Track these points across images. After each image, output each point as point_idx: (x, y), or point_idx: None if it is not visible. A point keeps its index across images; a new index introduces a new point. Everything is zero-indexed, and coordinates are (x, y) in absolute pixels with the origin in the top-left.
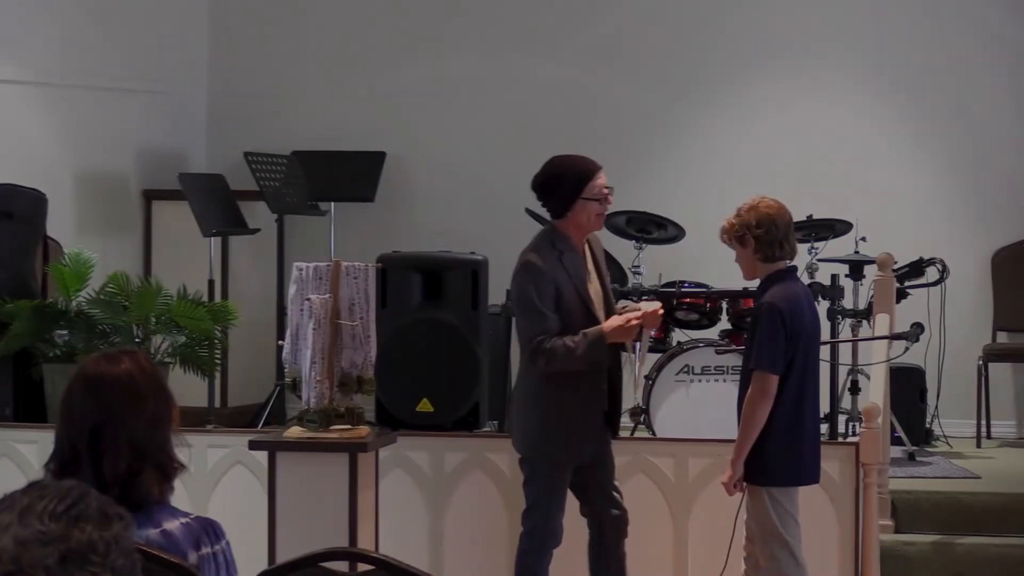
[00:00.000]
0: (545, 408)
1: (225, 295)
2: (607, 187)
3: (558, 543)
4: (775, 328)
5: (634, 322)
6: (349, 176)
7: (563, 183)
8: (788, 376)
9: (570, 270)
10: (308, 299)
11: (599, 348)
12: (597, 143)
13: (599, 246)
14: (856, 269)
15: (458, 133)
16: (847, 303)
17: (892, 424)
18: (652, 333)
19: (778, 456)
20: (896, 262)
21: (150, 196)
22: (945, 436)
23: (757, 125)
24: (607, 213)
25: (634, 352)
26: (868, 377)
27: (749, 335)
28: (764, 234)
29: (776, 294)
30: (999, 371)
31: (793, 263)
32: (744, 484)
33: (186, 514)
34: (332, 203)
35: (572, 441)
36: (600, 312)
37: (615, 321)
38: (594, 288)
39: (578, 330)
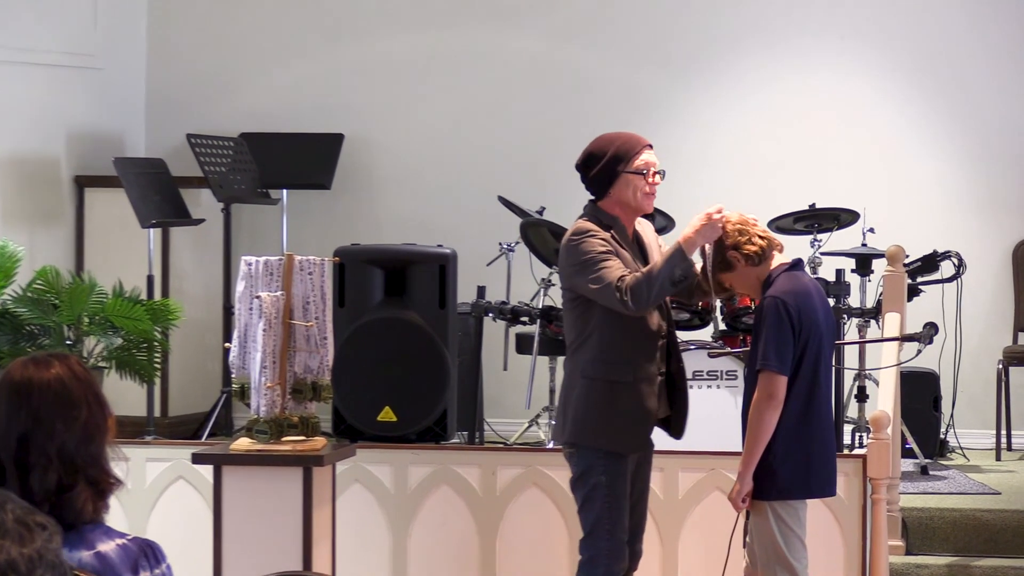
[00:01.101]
0: (602, 390)
1: (166, 293)
2: (658, 170)
3: (625, 563)
4: (781, 324)
5: (715, 217)
6: (303, 161)
7: (604, 157)
8: (796, 377)
9: (624, 244)
10: (258, 297)
11: (677, 261)
12: (576, 124)
13: (653, 234)
14: (863, 263)
15: (424, 113)
16: (853, 301)
17: (903, 434)
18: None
19: (783, 466)
20: (907, 255)
21: (83, 183)
22: (961, 448)
23: (755, 105)
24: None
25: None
26: (876, 383)
27: (753, 335)
28: (734, 244)
29: (781, 287)
30: (1021, 376)
31: (798, 256)
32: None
33: (123, 535)
34: (284, 191)
35: (631, 430)
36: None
37: (694, 222)
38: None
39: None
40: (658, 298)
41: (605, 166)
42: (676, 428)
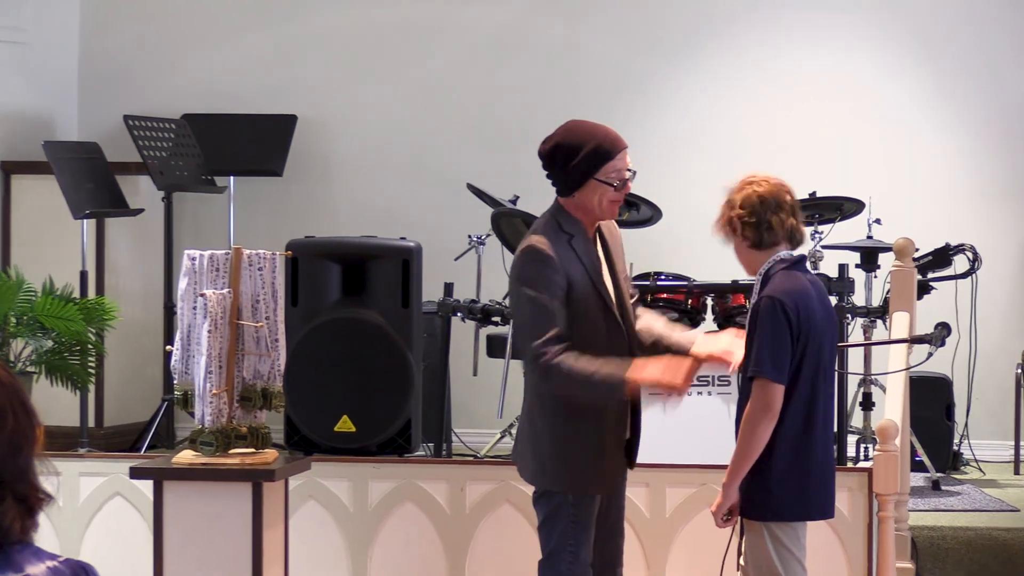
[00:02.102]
0: (564, 425)
1: (101, 290)
2: (629, 170)
3: None
4: (777, 326)
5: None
6: (252, 145)
7: (578, 155)
8: (795, 386)
9: (584, 259)
10: (202, 295)
11: (613, 391)
12: (554, 105)
13: (616, 235)
14: (869, 258)
15: (386, 92)
16: (858, 299)
17: (912, 446)
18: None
19: (781, 484)
20: (918, 249)
21: (9, 169)
22: (976, 460)
23: (750, 84)
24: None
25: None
26: (883, 389)
27: (747, 338)
28: (748, 215)
29: (778, 286)
30: None
31: (802, 254)
32: (740, 518)
33: (54, 556)
34: (231, 177)
35: (600, 467)
36: (618, 313)
37: (665, 366)
38: (612, 282)
39: (596, 335)
40: (575, 398)
41: (575, 167)
42: (632, 453)
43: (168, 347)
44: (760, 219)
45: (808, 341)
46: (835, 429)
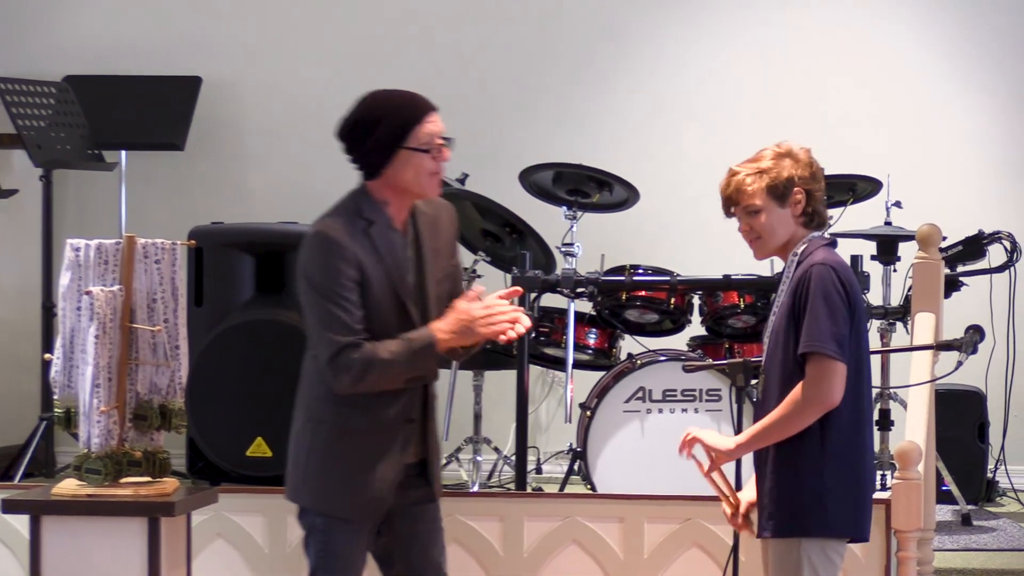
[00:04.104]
0: (327, 439)
1: None
2: (444, 137)
3: None
4: (834, 297)
5: (476, 315)
6: (148, 113)
7: (379, 127)
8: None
9: (382, 249)
10: (88, 293)
11: (427, 357)
12: (510, 67)
13: (442, 226)
14: (887, 248)
15: (305, 51)
16: (874, 297)
17: (938, 473)
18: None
19: (833, 492)
20: (945, 237)
21: None
22: (1015, 490)
23: (743, 42)
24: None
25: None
26: (904, 405)
27: (787, 313)
28: (819, 190)
29: (828, 257)
30: None
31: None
32: (766, 534)
33: None
34: (123, 152)
35: (361, 492)
36: (418, 316)
37: (456, 316)
38: (417, 282)
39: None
40: (379, 388)
41: (378, 140)
42: (431, 478)
43: (47, 355)
44: (818, 192)
45: (860, 324)
46: None
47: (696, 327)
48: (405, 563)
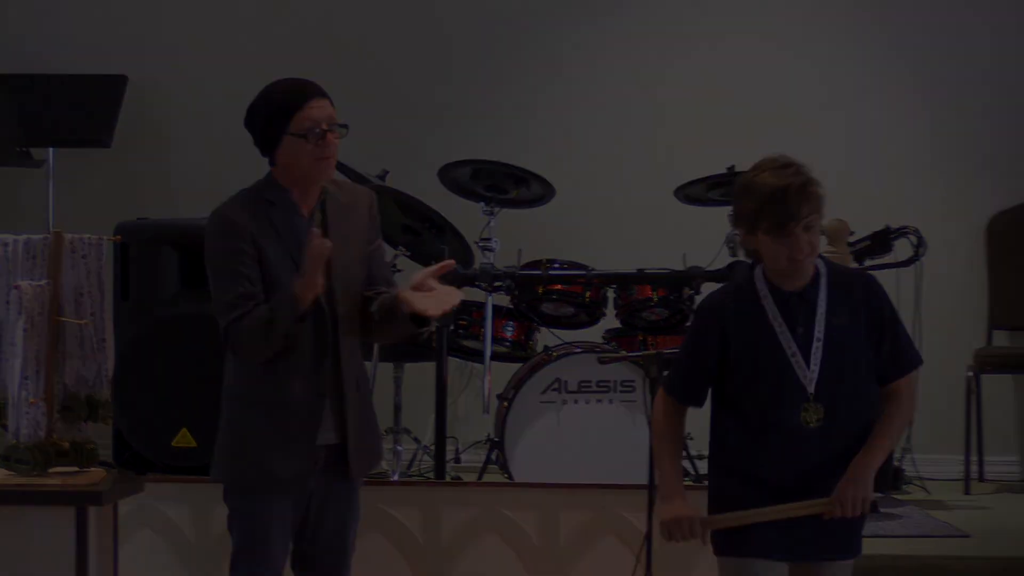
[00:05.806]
0: (238, 414)
1: None
2: (334, 124)
3: None
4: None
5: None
6: (74, 110)
7: (263, 115)
8: None
9: (282, 230)
10: (16, 287)
11: (286, 308)
12: (437, 61)
13: (359, 207)
14: None
15: (233, 49)
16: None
17: None
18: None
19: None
20: (852, 232)
21: None
22: (921, 478)
23: (657, 37)
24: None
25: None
26: None
27: (869, 330)
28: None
29: (856, 268)
30: (996, 385)
31: None
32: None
33: None
34: (50, 149)
35: (268, 462)
36: (324, 299)
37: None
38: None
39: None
40: (261, 353)
41: (265, 127)
42: (353, 463)
43: None
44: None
45: None
46: None
47: (611, 320)
48: (310, 541)
